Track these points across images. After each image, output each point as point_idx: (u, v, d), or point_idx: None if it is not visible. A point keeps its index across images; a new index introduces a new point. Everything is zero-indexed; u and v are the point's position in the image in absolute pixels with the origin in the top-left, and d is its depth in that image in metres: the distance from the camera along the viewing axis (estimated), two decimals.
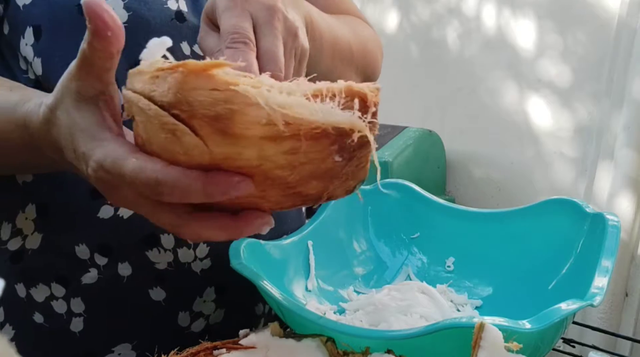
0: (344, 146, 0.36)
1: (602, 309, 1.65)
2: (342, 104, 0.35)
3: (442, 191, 2.00)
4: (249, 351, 0.46)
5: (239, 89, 0.32)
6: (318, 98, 0.34)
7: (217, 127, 0.33)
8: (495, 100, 1.94)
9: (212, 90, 0.32)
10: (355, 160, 0.38)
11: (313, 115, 0.33)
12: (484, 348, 0.39)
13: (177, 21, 0.56)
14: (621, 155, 1.62)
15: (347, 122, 0.35)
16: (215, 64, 0.33)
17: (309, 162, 0.35)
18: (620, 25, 1.65)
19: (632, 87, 1.60)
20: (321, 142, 0.34)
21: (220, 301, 0.60)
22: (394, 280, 0.70)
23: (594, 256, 0.55)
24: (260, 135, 0.33)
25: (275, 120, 0.32)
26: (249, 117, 0.32)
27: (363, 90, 0.36)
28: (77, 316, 0.56)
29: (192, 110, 0.33)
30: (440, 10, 2.05)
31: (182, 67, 0.33)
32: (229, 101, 0.32)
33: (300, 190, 0.36)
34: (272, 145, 0.33)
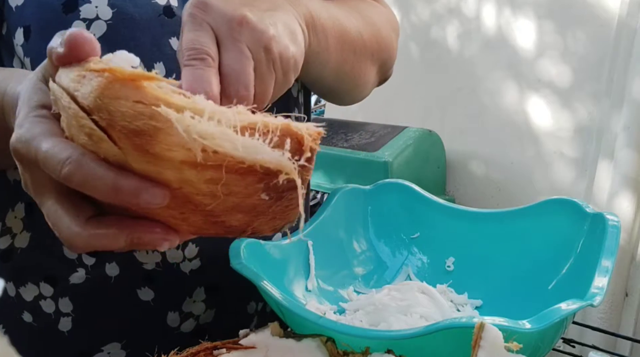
0: (270, 186, 0.33)
1: (602, 309, 1.65)
2: (274, 142, 0.32)
3: (442, 191, 2.00)
4: (249, 351, 0.46)
5: (160, 110, 0.30)
6: (251, 131, 0.32)
7: (137, 143, 0.31)
8: (495, 100, 1.94)
9: (136, 102, 0.30)
10: (284, 201, 0.35)
11: (236, 150, 0.31)
12: (484, 348, 0.39)
13: (166, 16, 0.55)
14: (621, 155, 1.62)
15: (274, 162, 0.32)
16: (146, 76, 0.31)
17: (232, 194, 0.33)
18: (620, 25, 1.65)
19: (632, 87, 1.60)
20: (247, 178, 0.32)
21: (210, 301, 0.60)
22: (394, 280, 0.69)
23: (594, 256, 0.55)
24: (181, 159, 0.31)
25: (193, 149, 0.30)
26: (173, 138, 0.30)
27: (300, 132, 0.34)
28: (65, 316, 0.56)
29: (112, 119, 0.30)
30: (440, 10, 2.05)
31: (108, 72, 0.31)
32: (154, 118, 0.30)
33: (224, 220, 0.34)
34: (193, 171, 0.31)
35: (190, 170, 0.31)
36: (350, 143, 1.86)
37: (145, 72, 0.31)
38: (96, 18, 0.52)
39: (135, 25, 0.53)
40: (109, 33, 0.52)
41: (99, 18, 0.52)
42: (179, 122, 0.30)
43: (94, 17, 0.52)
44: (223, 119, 0.31)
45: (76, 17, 0.51)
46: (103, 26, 0.52)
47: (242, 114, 0.33)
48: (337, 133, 1.94)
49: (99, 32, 0.52)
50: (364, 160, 1.77)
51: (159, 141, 0.30)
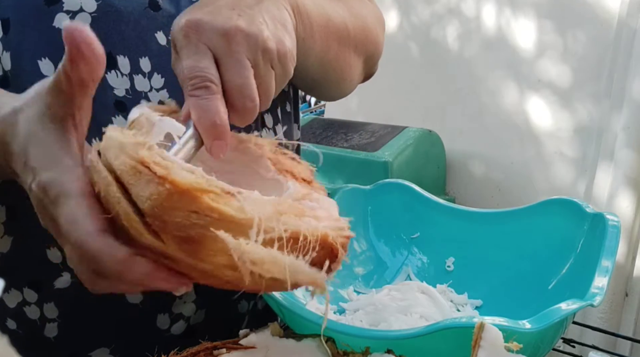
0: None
1: (602, 309, 1.65)
2: (313, 257, 0.34)
3: (442, 191, 2.00)
4: (249, 351, 0.46)
5: (219, 234, 0.31)
6: (293, 243, 0.34)
7: (184, 247, 0.32)
8: (495, 100, 1.94)
9: (191, 212, 0.32)
10: None
11: (281, 273, 0.33)
12: (484, 348, 0.39)
13: (151, 9, 0.53)
14: (621, 155, 1.62)
15: (309, 281, 0.34)
16: (204, 190, 0.32)
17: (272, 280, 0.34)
18: (620, 25, 1.65)
19: (632, 87, 1.60)
20: (275, 284, 0.34)
21: (200, 301, 0.59)
22: (394, 280, 0.69)
23: (594, 256, 0.55)
24: (224, 264, 0.33)
25: (242, 273, 0.32)
26: (220, 246, 0.32)
27: (336, 244, 0.36)
28: (51, 322, 0.54)
29: (165, 227, 0.32)
30: (440, 10, 2.05)
31: (169, 184, 0.31)
32: (205, 227, 0.32)
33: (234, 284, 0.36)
34: (231, 272, 0.33)
35: (229, 271, 0.33)
36: (350, 143, 1.86)
37: (204, 184, 0.32)
38: (80, 10, 0.50)
39: (121, 18, 0.52)
40: (93, 26, 0.49)
41: (83, 10, 0.50)
42: (235, 250, 0.32)
43: (78, 9, 0.50)
44: (269, 228, 0.33)
45: (59, 10, 0.50)
46: (87, 18, 0.51)
47: (281, 207, 0.34)
48: (337, 133, 1.94)
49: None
50: (364, 160, 1.77)
51: (206, 247, 0.32)
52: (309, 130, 2.00)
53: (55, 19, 0.50)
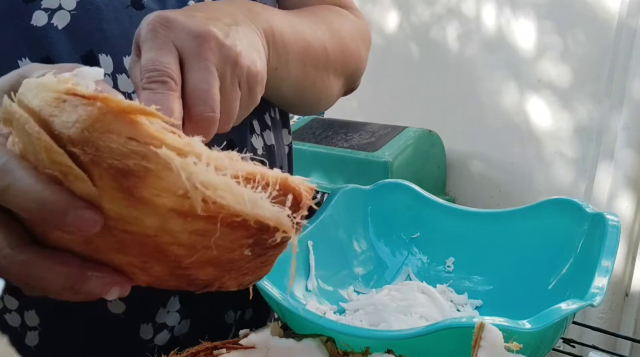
0: (260, 242, 0.31)
1: (602, 309, 1.65)
2: (273, 196, 0.30)
3: (442, 191, 2.00)
4: (249, 351, 0.46)
5: (160, 153, 0.27)
6: (249, 183, 0.30)
7: (122, 184, 0.27)
8: (495, 100, 1.94)
9: (129, 139, 0.27)
10: (263, 257, 0.33)
11: (239, 203, 0.28)
12: (484, 348, 0.39)
13: (134, 8, 0.51)
14: (621, 155, 1.62)
15: (274, 219, 0.30)
16: (144, 111, 0.28)
17: (214, 248, 0.30)
18: (620, 25, 1.65)
19: (632, 88, 1.60)
20: (236, 233, 0.30)
21: (185, 311, 0.57)
22: (394, 280, 0.69)
23: (594, 256, 0.55)
24: (170, 207, 0.28)
25: (193, 199, 0.28)
26: (164, 182, 0.27)
27: (298, 188, 0.31)
28: (31, 330, 0.53)
29: (98, 155, 0.27)
30: (440, 11, 2.05)
31: (101, 102, 0.27)
32: (146, 158, 0.27)
33: (191, 273, 0.32)
34: (180, 221, 0.29)
35: (176, 220, 0.29)
36: (350, 143, 1.86)
37: (142, 106, 0.28)
38: (59, 8, 0.49)
39: (102, 16, 0.49)
40: (73, 24, 0.49)
41: (62, 8, 0.49)
42: (183, 168, 0.27)
43: (57, 6, 0.49)
44: (220, 166, 0.29)
45: (37, 7, 0.48)
46: (66, 16, 0.49)
47: (236, 161, 0.30)
48: (337, 133, 1.94)
49: (62, 23, 0.48)
50: (364, 160, 1.77)
51: (148, 185, 0.27)
52: (309, 130, 2.00)
53: (34, 17, 0.48)
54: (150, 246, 0.30)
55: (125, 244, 0.30)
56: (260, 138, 0.62)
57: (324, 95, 0.64)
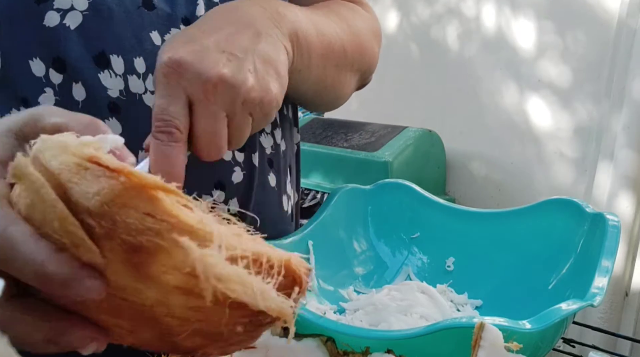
0: (255, 322, 0.31)
1: (602, 309, 1.65)
2: (278, 283, 0.30)
3: (442, 191, 2.00)
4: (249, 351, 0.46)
5: (182, 242, 0.27)
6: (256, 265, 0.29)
7: (131, 258, 0.27)
8: (495, 100, 1.94)
9: (146, 215, 0.27)
10: (254, 333, 0.33)
11: (247, 295, 0.28)
12: (484, 348, 0.39)
13: (145, 9, 0.52)
14: (621, 155, 1.62)
15: (277, 310, 0.29)
16: (165, 188, 0.28)
17: (206, 321, 0.29)
18: (620, 25, 1.65)
19: (632, 88, 1.60)
20: (235, 312, 0.29)
21: None
22: (394, 280, 0.69)
23: (594, 256, 0.55)
24: (175, 284, 0.28)
25: (204, 290, 0.27)
26: (173, 261, 0.27)
27: (299, 271, 0.31)
28: None
29: (113, 230, 0.27)
30: (440, 11, 2.05)
31: (125, 176, 0.27)
32: (160, 235, 0.27)
33: (178, 341, 0.31)
34: (181, 297, 0.28)
35: (178, 296, 0.28)
36: (350, 143, 1.86)
37: (163, 183, 0.28)
38: (71, 8, 0.49)
39: (113, 17, 0.50)
40: (85, 24, 0.49)
41: (74, 8, 0.49)
42: (199, 262, 0.27)
43: (69, 7, 0.49)
44: (230, 246, 0.29)
45: (49, 8, 0.49)
46: (78, 17, 0.49)
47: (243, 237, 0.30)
48: (337, 133, 1.94)
49: (74, 24, 0.49)
50: (364, 160, 1.77)
51: (157, 262, 0.27)
52: (309, 130, 2.00)
53: (46, 17, 0.49)
54: (145, 314, 0.29)
55: (120, 309, 0.29)
56: (270, 136, 0.62)
57: (341, 93, 0.65)
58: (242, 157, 0.58)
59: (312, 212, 0.72)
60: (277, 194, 0.63)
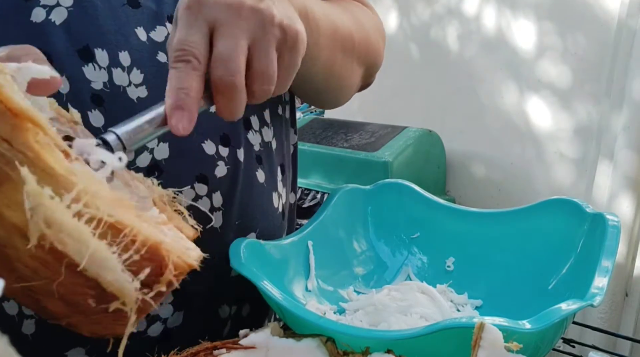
0: (102, 299, 0.28)
1: (602, 309, 1.65)
2: (131, 260, 0.28)
3: (442, 191, 2.00)
4: (249, 351, 0.46)
5: (21, 169, 0.25)
6: (114, 234, 0.27)
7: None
8: (495, 100, 1.94)
9: (4, 140, 0.26)
10: (115, 315, 0.30)
11: (79, 255, 0.26)
12: (484, 348, 0.39)
13: (130, 6, 0.53)
14: (621, 155, 1.62)
15: (116, 286, 0.27)
16: (34, 121, 0.26)
17: (57, 284, 0.28)
18: (620, 26, 1.65)
19: (632, 88, 1.60)
20: (77, 279, 0.27)
21: (178, 303, 0.57)
22: (394, 280, 0.69)
23: (594, 256, 0.55)
24: (14, 223, 0.26)
25: (30, 232, 0.26)
26: (19, 196, 0.26)
27: (167, 259, 0.29)
28: (28, 318, 0.54)
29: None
30: (440, 11, 2.05)
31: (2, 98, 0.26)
32: (11, 165, 0.25)
33: (40, 299, 0.29)
34: (23, 241, 0.26)
35: (19, 239, 0.27)
36: (350, 143, 1.86)
37: (35, 116, 0.26)
38: (57, 5, 0.50)
39: (98, 13, 0.51)
40: (70, 19, 0.50)
41: (60, 5, 0.51)
42: (32, 196, 0.25)
43: (55, 3, 0.50)
44: (93, 205, 0.27)
45: (36, 4, 0.50)
46: (64, 13, 0.50)
47: (122, 206, 0.28)
48: (337, 133, 1.94)
49: (60, 19, 0.50)
50: (364, 160, 1.77)
51: (2, 191, 0.26)
52: (309, 130, 2.00)
53: (33, 13, 0.50)
54: (2, 256, 0.28)
55: None
56: (258, 134, 0.62)
57: (347, 82, 0.64)
58: (227, 152, 0.58)
59: (312, 212, 0.72)
60: (267, 190, 0.63)
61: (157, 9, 0.54)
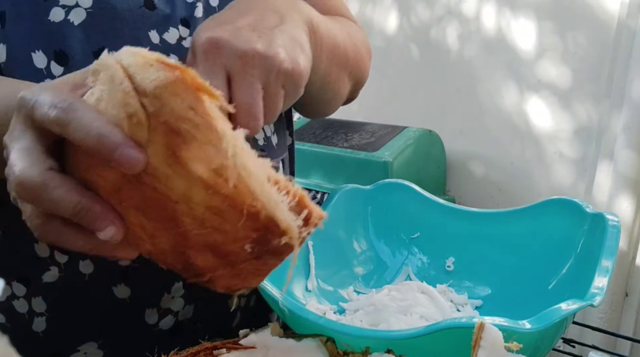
0: (262, 241, 0.34)
1: (602, 309, 1.65)
2: (290, 206, 0.34)
3: (442, 191, 2.00)
4: (249, 351, 0.46)
5: (217, 125, 0.31)
6: (275, 186, 0.33)
7: (169, 141, 0.32)
8: (495, 100, 1.94)
9: (190, 108, 0.32)
10: (259, 263, 0.35)
11: (263, 195, 0.32)
12: (484, 348, 0.39)
13: (146, 8, 0.55)
14: (621, 156, 1.62)
15: (286, 223, 0.33)
16: (210, 93, 0.32)
17: (220, 231, 0.33)
18: (620, 26, 1.65)
19: (632, 88, 1.60)
20: (247, 222, 0.32)
21: (189, 296, 0.59)
22: (394, 280, 0.70)
23: (594, 256, 0.55)
24: (199, 175, 0.32)
25: (229, 174, 0.31)
26: (204, 154, 0.31)
27: (311, 208, 0.35)
28: (39, 316, 0.55)
29: (160, 110, 0.31)
30: (440, 11, 2.05)
31: (180, 72, 0.32)
32: (197, 128, 0.31)
33: (191, 254, 0.34)
34: (203, 192, 0.32)
35: (200, 190, 0.32)
36: (350, 143, 1.86)
37: (211, 88, 0.32)
38: (76, 5, 0.52)
39: (116, 15, 0.53)
40: (88, 21, 0.52)
41: (79, 5, 0.52)
42: (232, 145, 0.31)
43: (74, 4, 0.52)
44: (256, 163, 0.33)
45: (55, 4, 0.51)
46: (82, 14, 0.52)
47: (267, 166, 0.34)
48: (337, 133, 1.94)
49: (78, 20, 0.52)
50: (364, 160, 1.77)
51: (190, 149, 0.31)
52: (309, 130, 2.00)
53: (51, 13, 0.51)
54: (168, 212, 0.33)
55: (148, 203, 0.33)
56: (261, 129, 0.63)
57: (339, 95, 0.66)
58: None
59: None
60: None
61: (170, 12, 0.56)
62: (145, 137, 0.32)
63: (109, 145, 0.32)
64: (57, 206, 0.33)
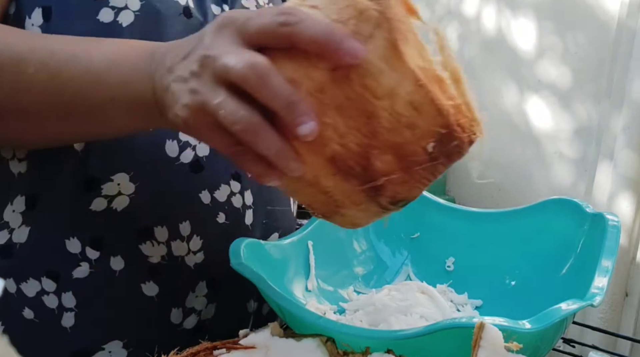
0: (444, 141, 0.37)
1: (602, 309, 1.65)
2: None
3: (442, 191, 2.00)
4: (249, 351, 0.46)
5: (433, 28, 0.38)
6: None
7: (392, 36, 0.35)
8: (496, 100, 1.94)
9: (410, 14, 0.37)
10: (430, 168, 0.38)
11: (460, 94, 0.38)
12: (484, 348, 0.39)
13: (185, 16, 0.57)
14: (621, 156, 1.63)
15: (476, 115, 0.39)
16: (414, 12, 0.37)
17: (412, 128, 0.36)
18: (620, 26, 1.65)
19: (632, 88, 1.60)
20: (437, 117, 0.36)
21: (211, 295, 0.60)
22: (394, 280, 0.70)
23: (594, 256, 0.55)
24: (413, 69, 0.35)
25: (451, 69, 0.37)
26: (417, 54, 0.36)
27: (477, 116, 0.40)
28: (68, 311, 0.56)
29: (387, 10, 0.35)
30: (440, 12, 2.05)
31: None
32: (412, 33, 0.36)
33: (372, 153, 0.37)
34: (410, 85, 0.35)
35: (409, 84, 0.35)
36: None
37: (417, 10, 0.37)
38: (125, 7, 0.53)
39: (161, 19, 0.55)
40: (136, 23, 0.53)
41: (128, 7, 0.53)
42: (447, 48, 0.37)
43: (123, 6, 0.53)
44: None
45: (105, 4, 0.53)
46: (131, 16, 0.53)
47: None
48: None
49: (127, 22, 0.53)
50: None
51: (408, 46, 0.35)
52: None
53: (100, 13, 0.52)
54: (368, 109, 0.36)
55: (350, 101, 0.36)
56: None
57: None
58: None
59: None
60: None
61: (203, 20, 0.57)
62: (369, 32, 0.35)
63: (338, 37, 0.35)
64: (275, 94, 0.36)
